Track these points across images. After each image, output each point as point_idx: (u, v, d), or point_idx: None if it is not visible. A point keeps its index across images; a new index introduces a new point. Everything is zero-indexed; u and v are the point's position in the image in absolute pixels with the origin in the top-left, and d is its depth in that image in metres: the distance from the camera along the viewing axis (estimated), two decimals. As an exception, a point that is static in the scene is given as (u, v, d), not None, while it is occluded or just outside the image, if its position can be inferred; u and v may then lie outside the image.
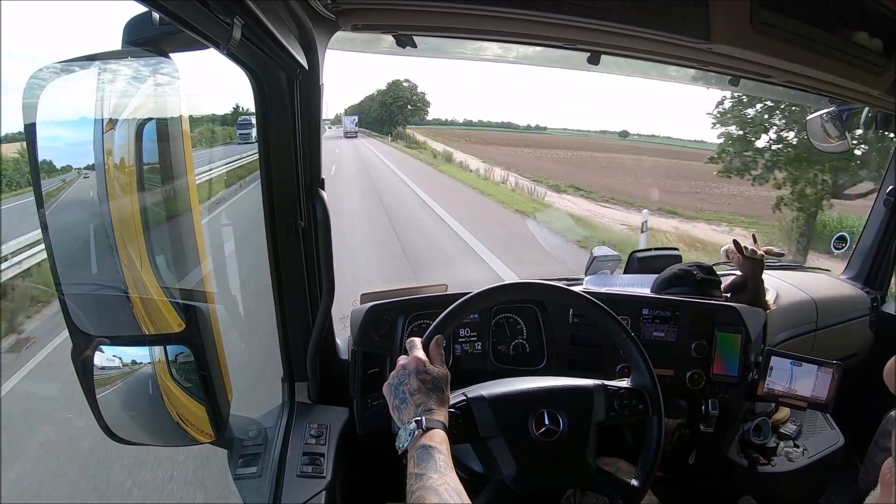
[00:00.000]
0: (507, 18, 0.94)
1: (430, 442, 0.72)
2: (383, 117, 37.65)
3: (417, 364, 0.82)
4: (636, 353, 0.96)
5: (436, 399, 0.79)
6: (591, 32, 0.98)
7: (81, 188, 0.76)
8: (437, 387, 0.81)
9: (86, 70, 0.73)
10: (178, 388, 0.84)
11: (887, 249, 1.76)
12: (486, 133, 35.64)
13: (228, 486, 0.98)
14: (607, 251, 1.57)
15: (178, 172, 0.78)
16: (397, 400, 0.80)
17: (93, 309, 0.79)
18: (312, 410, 1.15)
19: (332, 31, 0.96)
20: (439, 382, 0.81)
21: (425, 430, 0.74)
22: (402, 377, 0.82)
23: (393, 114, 37.66)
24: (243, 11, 0.62)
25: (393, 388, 0.82)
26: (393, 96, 38.14)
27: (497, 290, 0.98)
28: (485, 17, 0.95)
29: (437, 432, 0.75)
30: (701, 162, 12.47)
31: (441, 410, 0.79)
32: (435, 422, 0.76)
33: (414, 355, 0.84)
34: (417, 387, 0.80)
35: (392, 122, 37.13)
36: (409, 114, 38.64)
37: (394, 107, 37.85)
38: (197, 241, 0.83)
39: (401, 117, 37.81)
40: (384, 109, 37.96)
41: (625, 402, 0.93)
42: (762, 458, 1.41)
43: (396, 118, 37.50)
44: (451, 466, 0.71)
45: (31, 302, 3.41)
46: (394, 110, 37.78)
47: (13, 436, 2.43)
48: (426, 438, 0.73)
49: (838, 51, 1.06)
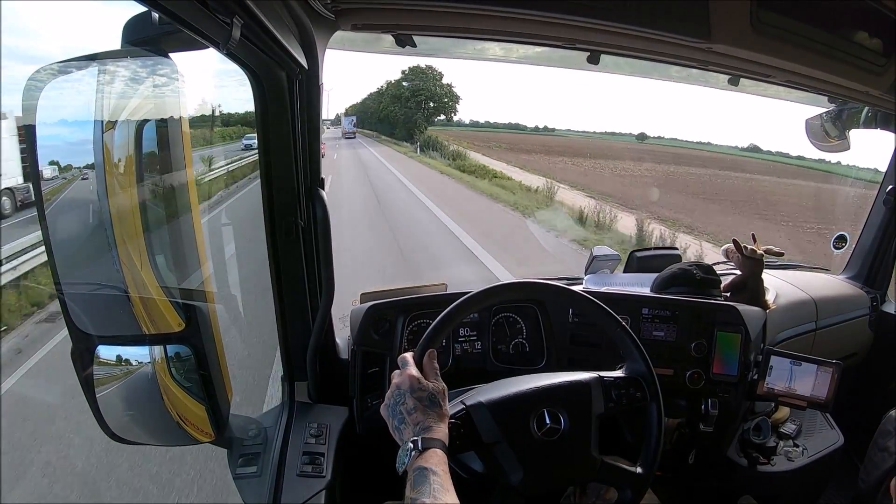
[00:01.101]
0: (507, 18, 0.94)
1: (426, 463, 0.72)
2: (396, 116, 27.21)
3: (412, 382, 0.81)
4: (629, 341, 0.96)
5: (434, 415, 0.79)
6: (591, 32, 0.98)
7: (81, 188, 0.76)
8: (434, 402, 0.80)
9: (86, 70, 0.73)
10: (178, 387, 0.84)
11: (887, 249, 1.75)
12: (513, 137, 26.73)
13: (228, 485, 0.98)
14: (607, 251, 1.57)
15: (177, 172, 0.78)
16: (396, 420, 0.80)
17: (93, 309, 0.79)
18: (312, 410, 1.15)
19: (332, 30, 0.96)
20: (436, 398, 0.80)
21: (422, 451, 0.74)
22: (397, 397, 0.81)
23: (410, 112, 26.78)
24: (243, 11, 0.62)
25: (390, 410, 0.81)
26: (412, 89, 27.12)
27: (490, 292, 0.96)
28: (485, 17, 0.95)
29: (433, 452, 0.74)
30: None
31: (439, 427, 0.78)
32: (432, 441, 0.75)
33: (407, 373, 0.83)
34: (414, 405, 0.79)
35: (409, 123, 26.68)
36: (432, 112, 27.49)
37: (412, 102, 26.91)
38: (197, 240, 0.83)
39: (421, 116, 26.83)
40: (398, 106, 27.27)
41: (622, 392, 0.93)
42: (762, 457, 1.41)
43: (415, 117, 26.60)
44: (448, 488, 0.70)
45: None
46: (411, 107, 26.83)
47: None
48: (422, 459, 0.72)
49: (838, 51, 1.06)
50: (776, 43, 0.99)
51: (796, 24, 0.99)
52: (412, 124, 26.49)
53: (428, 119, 27.20)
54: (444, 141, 23.71)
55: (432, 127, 27.00)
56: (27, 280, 3.29)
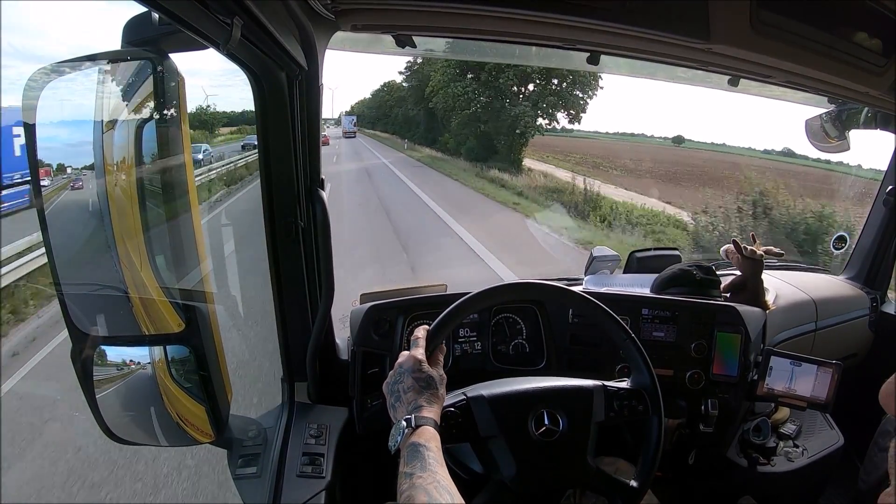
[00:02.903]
0: (507, 18, 0.94)
1: (419, 440, 0.73)
2: (479, 119, 14.72)
3: (413, 363, 0.82)
4: (636, 354, 0.96)
5: (427, 396, 0.80)
6: (590, 32, 0.98)
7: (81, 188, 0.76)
8: (431, 385, 0.81)
9: (85, 70, 0.73)
10: (177, 388, 0.84)
11: (887, 249, 1.75)
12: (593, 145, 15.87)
13: (228, 486, 0.98)
14: (607, 251, 1.57)
15: (177, 172, 0.78)
16: (393, 398, 0.82)
17: (92, 309, 0.79)
18: (312, 410, 1.15)
19: (332, 31, 0.96)
20: (433, 381, 0.82)
21: (415, 428, 0.75)
22: (397, 376, 0.83)
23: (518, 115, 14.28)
24: (243, 11, 0.62)
25: (390, 387, 0.83)
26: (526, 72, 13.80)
27: (497, 291, 0.97)
28: (485, 17, 0.95)
29: (426, 429, 0.75)
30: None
31: (432, 408, 0.79)
32: (424, 419, 0.76)
33: (411, 353, 0.84)
34: (411, 385, 0.80)
35: (516, 131, 14.33)
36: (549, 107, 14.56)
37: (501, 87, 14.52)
38: (196, 240, 0.82)
39: (532, 119, 14.44)
40: (477, 91, 14.57)
41: (624, 403, 0.93)
42: (762, 457, 1.41)
43: (524, 121, 14.28)
44: (441, 462, 0.71)
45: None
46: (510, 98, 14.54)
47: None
48: (415, 436, 0.73)
49: (838, 51, 1.06)
50: (776, 43, 0.99)
51: (796, 24, 0.99)
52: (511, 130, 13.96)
53: (538, 128, 14.31)
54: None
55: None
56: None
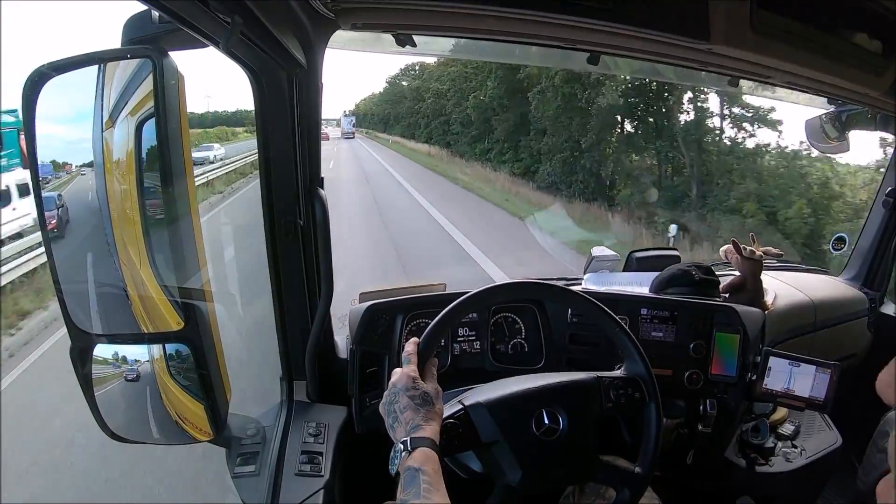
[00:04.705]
0: (507, 18, 0.94)
1: (415, 463, 0.72)
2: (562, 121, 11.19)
3: (406, 380, 0.82)
4: (627, 342, 0.96)
5: (424, 414, 0.79)
6: (590, 32, 0.98)
7: (80, 187, 0.76)
8: (427, 401, 0.80)
9: (85, 69, 0.73)
10: (176, 386, 0.84)
11: (886, 250, 1.75)
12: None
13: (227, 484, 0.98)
14: (606, 251, 1.57)
15: (177, 171, 0.78)
16: (390, 419, 0.81)
17: (92, 307, 0.79)
18: (311, 409, 1.15)
19: (332, 30, 0.96)
20: (429, 397, 0.81)
21: (411, 451, 0.74)
22: (392, 395, 0.82)
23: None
24: (242, 10, 0.62)
25: (386, 408, 0.82)
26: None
27: (492, 291, 0.97)
28: (485, 17, 0.95)
29: (422, 451, 0.74)
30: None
31: (430, 425, 0.78)
32: (421, 440, 0.75)
33: (404, 371, 0.83)
34: (406, 404, 0.80)
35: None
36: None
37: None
38: (196, 239, 0.82)
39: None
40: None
41: (621, 392, 0.94)
42: (760, 458, 1.41)
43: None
44: (437, 485, 0.70)
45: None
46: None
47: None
48: (411, 460, 0.73)
49: (838, 52, 1.06)
50: (775, 44, 0.99)
51: (796, 25, 0.99)
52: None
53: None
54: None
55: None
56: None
